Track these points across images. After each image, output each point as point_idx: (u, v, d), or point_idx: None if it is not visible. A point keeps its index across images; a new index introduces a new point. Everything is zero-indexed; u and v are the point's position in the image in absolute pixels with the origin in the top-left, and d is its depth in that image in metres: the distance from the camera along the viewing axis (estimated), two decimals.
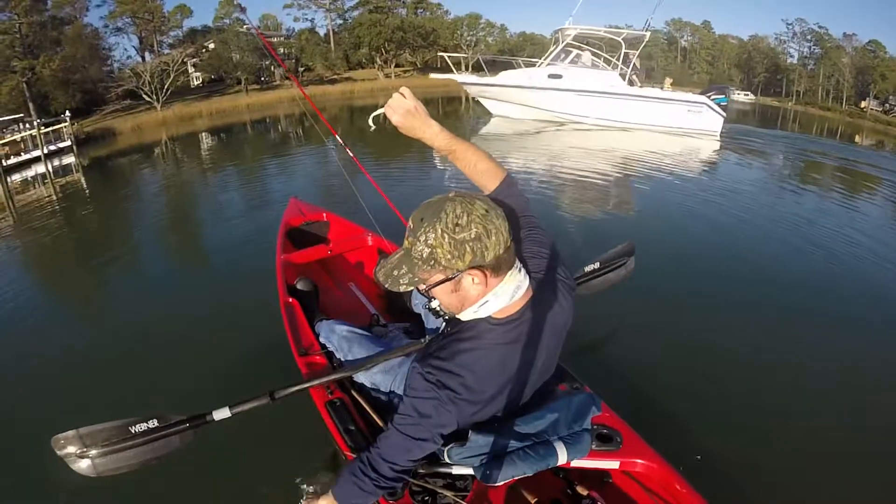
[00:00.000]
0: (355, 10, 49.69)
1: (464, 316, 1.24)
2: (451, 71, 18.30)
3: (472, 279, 1.14)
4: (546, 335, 1.30)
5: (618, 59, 16.23)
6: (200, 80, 40.01)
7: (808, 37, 52.66)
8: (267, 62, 39.11)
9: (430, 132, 1.46)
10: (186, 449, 1.77)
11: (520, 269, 1.22)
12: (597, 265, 2.87)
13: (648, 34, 16.42)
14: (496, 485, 1.40)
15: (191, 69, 37.59)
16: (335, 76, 44.04)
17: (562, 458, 1.43)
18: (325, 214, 4.02)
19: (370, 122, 1.63)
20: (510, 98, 16.52)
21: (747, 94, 48.45)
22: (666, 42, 61.47)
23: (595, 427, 1.68)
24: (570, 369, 1.90)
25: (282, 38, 45.94)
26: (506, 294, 1.19)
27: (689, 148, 13.80)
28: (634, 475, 1.72)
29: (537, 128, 15.36)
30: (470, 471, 1.41)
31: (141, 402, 2.78)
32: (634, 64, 16.48)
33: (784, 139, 18.74)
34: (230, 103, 22.10)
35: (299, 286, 2.91)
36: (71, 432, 1.62)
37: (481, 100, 17.29)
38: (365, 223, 3.65)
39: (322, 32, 48.30)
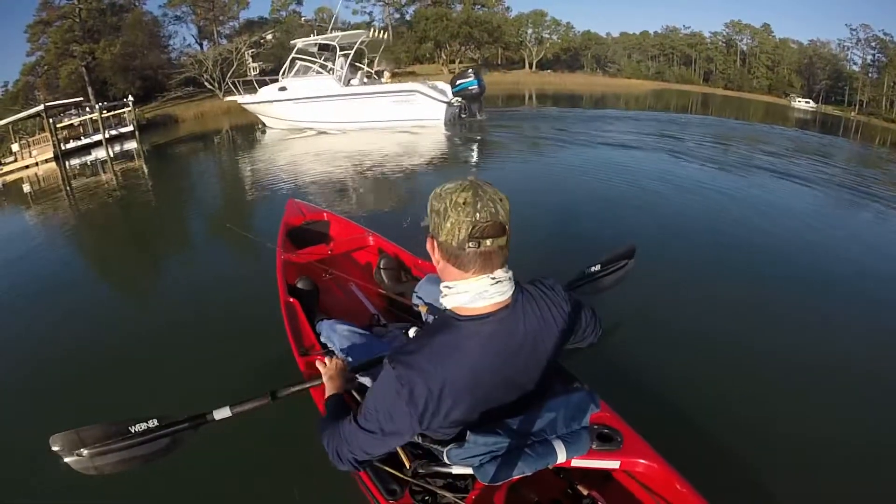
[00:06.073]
0: (412, 5, 49.98)
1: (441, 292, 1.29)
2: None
3: (430, 242, 1.26)
4: (523, 345, 1.30)
5: (340, 63, 16.04)
6: (258, 69, 40.94)
7: (873, 43, 50.10)
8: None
9: None
10: (187, 449, 1.79)
11: (495, 281, 1.22)
12: (598, 267, 2.82)
13: (376, 33, 16.19)
14: (496, 484, 1.39)
15: (249, 59, 38.39)
16: (397, 69, 44.31)
17: (561, 456, 1.40)
18: (325, 214, 4.06)
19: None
20: (267, 112, 17.32)
21: (808, 102, 46.38)
22: (724, 45, 59.54)
23: (595, 427, 1.66)
24: (569, 368, 1.88)
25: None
26: (468, 292, 1.22)
27: (381, 144, 12.94)
28: (635, 475, 1.69)
29: (283, 136, 16.09)
30: (470, 471, 1.39)
31: (141, 402, 2.86)
32: (355, 63, 16.42)
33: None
34: None
35: (300, 286, 2.94)
36: (70, 431, 1.63)
37: (258, 116, 17.99)
38: (365, 223, 3.65)
39: (379, 26, 48.76)
